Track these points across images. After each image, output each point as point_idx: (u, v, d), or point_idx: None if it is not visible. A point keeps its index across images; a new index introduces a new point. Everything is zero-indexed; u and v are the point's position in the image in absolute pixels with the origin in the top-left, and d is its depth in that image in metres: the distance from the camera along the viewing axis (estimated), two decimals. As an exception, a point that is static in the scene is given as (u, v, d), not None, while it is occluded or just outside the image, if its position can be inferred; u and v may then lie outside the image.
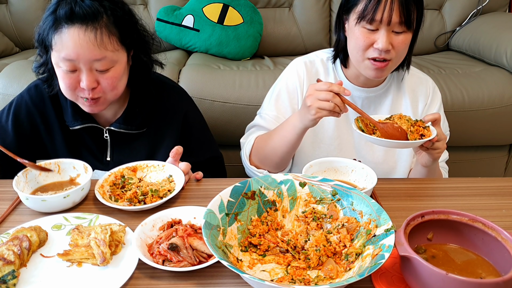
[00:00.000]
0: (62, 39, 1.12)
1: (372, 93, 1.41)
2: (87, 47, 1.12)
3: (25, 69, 2.03)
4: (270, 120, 1.42)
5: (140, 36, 1.27)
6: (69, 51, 1.12)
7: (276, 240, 0.94)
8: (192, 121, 1.42)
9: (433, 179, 1.34)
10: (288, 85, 1.43)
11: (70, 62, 1.13)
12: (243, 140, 1.47)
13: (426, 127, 1.18)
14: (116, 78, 1.19)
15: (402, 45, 1.25)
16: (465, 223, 0.87)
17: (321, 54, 1.48)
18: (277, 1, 2.65)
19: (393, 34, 1.24)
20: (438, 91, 1.47)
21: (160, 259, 0.89)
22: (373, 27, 1.23)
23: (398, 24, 1.22)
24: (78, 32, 1.11)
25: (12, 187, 1.08)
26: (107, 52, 1.14)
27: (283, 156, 1.32)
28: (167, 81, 1.46)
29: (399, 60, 1.31)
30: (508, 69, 2.17)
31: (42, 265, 0.91)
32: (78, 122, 1.29)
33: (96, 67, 1.15)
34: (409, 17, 1.22)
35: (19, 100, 1.33)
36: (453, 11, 2.64)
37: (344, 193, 0.97)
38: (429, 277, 0.75)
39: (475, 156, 2.30)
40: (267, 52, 2.59)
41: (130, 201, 1.10)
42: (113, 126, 1.31)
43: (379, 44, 1.23)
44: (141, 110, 1.33)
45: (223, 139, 2.04)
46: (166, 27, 2.46)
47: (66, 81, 1.17)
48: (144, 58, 1.29)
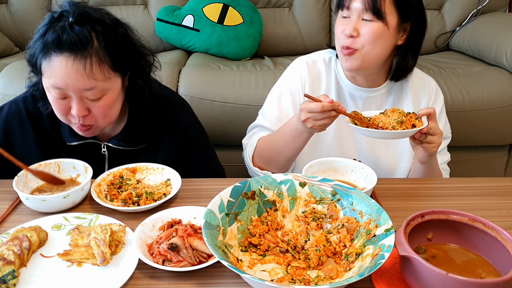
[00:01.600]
0: (50, 66, 1.08)
1: (373, 93, 1.41)
2: (75, 77, 1.07)
3: (25, 69, 2.01)
4: (273, 121, 1.42)
5: (136, 60, 1.21)
6: (57, 80, 1.08)
7: (276, 240, 0.94)
8: (192, 137, 1.38)
9: (433, 179, 1.34)
10: (290, 85, 1.43)
11: (60, 90, 1.09)
12: (246, 141, 1.47)
13: (418, 118, 1.19)
14: (108, 106, 1.15)
15: (369, 34, 1.25)
16: (465, 223, 0.87)
17: (323, 54, 1.48)
18: (277, 1, 2.65)
19: (362, 22, 1.26)
20: (441, 93, 1.47)
21: (160, 259, 0.89)
22: (345, 14, 1.28)
23: (364, 11, 1.25)
24: (66, 62, 1.06)
25: (12, 187, 1.08)
26: (98, 82, 1.09)
27: (289, 158, 1.32)
28: (168, 95, 1.40)
29: (371, 51, 1.28)
30: (508, 69, 2.17)
31: (42, 265, 0.91)
32: (76, 139, 1.25)
33: (86, 95, 1.11)
34: (376, 4, 1.23)
35: (12, 107, 1.28)
36: (453, 11, 2.64)
37: (344, 193, 0.97)
38: (429, 277, 0.75)
39: (475, 156, 2.30)
40: (267, 52, 2.59)
41: (125, 202, 1.10)
42: (111, 143, 1.28)
43: (346, 29, 1.27)
44: (140, 126, 1.30)
45: (223, 139, 2.04)
46: (166, 27, 2.46)
47: (57, 107, 1.14)
48: (139, 82, 1.23)
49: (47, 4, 2.59)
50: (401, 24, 1.30)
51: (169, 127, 1.34)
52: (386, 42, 1.29)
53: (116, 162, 1.27)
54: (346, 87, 1.42)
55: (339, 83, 1.43)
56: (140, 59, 1.23)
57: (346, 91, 1.43)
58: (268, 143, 1.36)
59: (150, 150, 1.32)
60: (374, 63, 1.32)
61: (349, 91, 1.42)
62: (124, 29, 1.18)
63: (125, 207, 1.07)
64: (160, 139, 1.33)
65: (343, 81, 1.43)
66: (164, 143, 1.33)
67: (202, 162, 1.41)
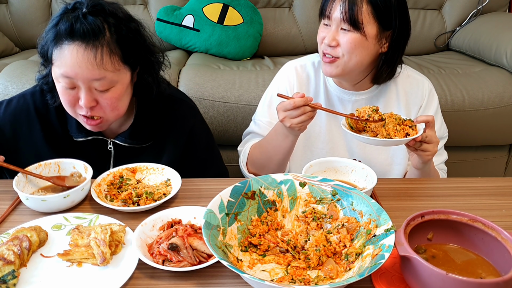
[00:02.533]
0: (61, 55, 1.09)
1: (361, 96, 1.41)
2: (85, 66, 1.08)
3: (25, 69, 2.03)
4: (264, 126, 1.44)
5: (146, 56, 1.22)
6: (67, 69, 1.08)
7: (276, 240, 0.94)
8: (198, 137, 1.38)
9: (433, 179, 1.34)
10: (279, 91, 1.44)
11: (69, 80, 1.10)
12: (240, 148, 1.48)
13: (412, 126, 1.18)
14: (116, 99, 1.15)
15: (347, 44, 1.26)
16: (465, 223, 0.87)
17: (313, 57, 1.48)
18: (277, 1, 2.65)
19: (341, 32, 1.27)
20: (435, 94, 1.45)
21: (160, 259, 0.89)
22: (326, 23, 1.30)
23: (342, 22, 1.25)
24: (78, 50, 1.07)
25: (12, 187, 1.08)
26: (107, 72, 1.10)
27: (280, 162, 1.34)
28: (176, 94, 1.41)
29: (350, 60, 1.29)
30: (508, 69, 2.17)
31: (42, 265, 0.91)
32: (83, 134, 1.26)
33: (95, 86, 1.11)
34: (353, 15, 1.23)
35: (20, 101, 1.29)
36: (453, 11, 2.64)
37: (344, 193, 0.97)
38: (429, 277, 0.75)
39: (475, 156, 2.30)
40: (267, 52, 2.59)
41: (125, 202, 1.10)
42: (118, 140, 1.28)
43: (326, 39, 1.29)
44: (147, 124, 1.30)
45: (223, 139, 2.04)
46: (166, 27, 2.46)
47: (65, 98, 1.14)
48: (148, 79, 1.24)
49: (47, 4, 2.59)
50: (381, 33, 1.29)
51: (176, 126, 1.34)
52: (365, 51, 1.28)
53: (121, 159, 1.29)
54: (334, 91, 1.43)
55: (327, 87, 1.44)
56: (150, 55, 1.24)
57: (334, 95, 1.43)
58: (258, 150, 1.38)
59: (156, 148, 1.33)
60: (354, 70, 1.33)
61: (337, 94, 1.43)
62: (136, 24, 1.20)
63: (125, 207, 1.07)
64: (166, 138, 1.33)
65: (330, 85, 1.43)
66: (170, 142, 1.33)
67: (207, 162, 1.41)
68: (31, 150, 1.27)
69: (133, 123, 1.29)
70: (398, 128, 1.17)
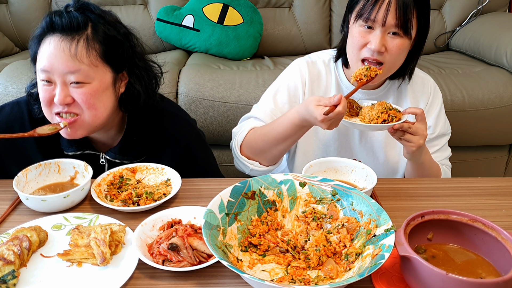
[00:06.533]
0: (42, 50, 1.11)
1: (372, 95, 1.41)
2: (60, 56, 1.08)
3: (25, 69, 2.03)
4: (267, 112, 1.41)
5: (134, 62, 1.20)
6: (44, 62, 1.09)
7: (276, 240, 0.94)
8: (194, 153, 1.35)
9: (433, 179, 1.33)
10: (289, 83, 1.43)
11: (46, 74, 1.10)
12: (236, 130, 1.45)
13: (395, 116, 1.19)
14: (92, 95, 1.12)
15: (396, 49, 1.24)
16: (465, 223, 0.87)
17: (322, 55, 1.47)
18: (277, 1, 2.65)
19: (388, 37, 1.24)
20: (439, 91, 1.47)
21: (160, 259, 0.89)
22: (370, 25, 1.24)
23: (394, 27, 1.22)
24: (55, 41, 1.09)
25: (12, 187, 1.08)
26: (82, 65, 1.09)
27: (281, 150, 1.31)
28: (169, 108, 1.36)
29: (393, 65, 1.29)
30: (508, 69, 2.17)
31: (42, 265, 0.91)
32: (74, 149, 1.24)
33: (70, 79, 1.10)
34: (406, 21, 1.21)
35: (14, 109, 1.26)
36: (453, 11, 2.64)
37: (344, 193, 0.97)
38: (429, 277, 0.75)
39: (475, 156, 2.30)
40: (267, 52, 2.59)
41: (125, 202, 1.10)
42: (109, 156, 1.26)
43: (372, 44, 1.23)
44: (139, 139, 1.28)
45: (223, 139, 2.04)
46: (166, 27, 2.47)
47: (42, 95, 1.13)
48: (136, 86, 1.21)
49: (47, 4, 2.59)
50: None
51: (170, 142, 1.31)
52: (405, 54, 1.29)
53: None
54: (346, 89, 1.42)
55: (339, 84, 1.43)
56: (140, 63, 1.22)
57: (345, 92, 1.43)
58: (260, 135, 1.34)
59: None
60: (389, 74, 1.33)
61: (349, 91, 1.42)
62: (126, 30, 1.19)
63: (125, 207, 1.07)
64: (160, 155, 1.30)
65: (343, 82, 1.43)
66: (165, 159, 1.29)
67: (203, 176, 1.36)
68: (24, 160, 1.22)
69: (123, 137, 1.27)
70: (381, 115, 1.19)
